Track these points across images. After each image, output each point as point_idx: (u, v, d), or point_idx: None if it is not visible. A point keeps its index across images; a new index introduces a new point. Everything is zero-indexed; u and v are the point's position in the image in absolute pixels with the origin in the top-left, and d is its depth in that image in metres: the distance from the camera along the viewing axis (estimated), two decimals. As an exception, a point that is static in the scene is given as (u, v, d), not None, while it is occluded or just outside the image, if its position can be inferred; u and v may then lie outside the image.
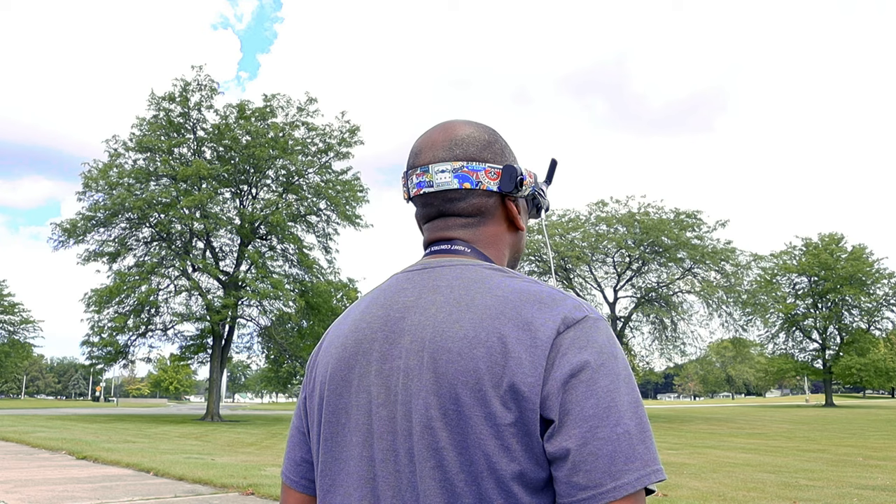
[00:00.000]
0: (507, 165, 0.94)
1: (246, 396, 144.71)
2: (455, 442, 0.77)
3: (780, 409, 52.60)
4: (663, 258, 36.43)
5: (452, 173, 0.93)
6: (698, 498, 8.09)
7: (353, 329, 0.91)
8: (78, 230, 29.67)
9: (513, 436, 0.76)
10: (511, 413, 0.76)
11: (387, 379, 0.84)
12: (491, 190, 0.94)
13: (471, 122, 0.99)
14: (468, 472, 0.77)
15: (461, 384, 0.78)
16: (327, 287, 30.91)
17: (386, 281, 0.96)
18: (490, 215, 0.95)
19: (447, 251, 0.94)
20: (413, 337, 0.84)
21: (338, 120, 31.77)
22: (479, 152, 0.94)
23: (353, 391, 0.87)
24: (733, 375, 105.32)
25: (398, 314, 0.88)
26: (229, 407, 73.13)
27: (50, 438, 15.98)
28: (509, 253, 0.99)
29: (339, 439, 0.87)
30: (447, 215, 0.95)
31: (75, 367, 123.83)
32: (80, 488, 8.64)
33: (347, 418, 0.87)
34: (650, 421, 0.79)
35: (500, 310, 0.81)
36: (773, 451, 14.75)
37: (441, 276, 0.89)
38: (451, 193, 0.93)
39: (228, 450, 14.79)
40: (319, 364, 0.95)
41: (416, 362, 0.82)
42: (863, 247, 53.02)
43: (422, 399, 0.80)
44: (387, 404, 0.83)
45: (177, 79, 30.50)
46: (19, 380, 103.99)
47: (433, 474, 0.78)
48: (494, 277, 0.87)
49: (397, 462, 0.81)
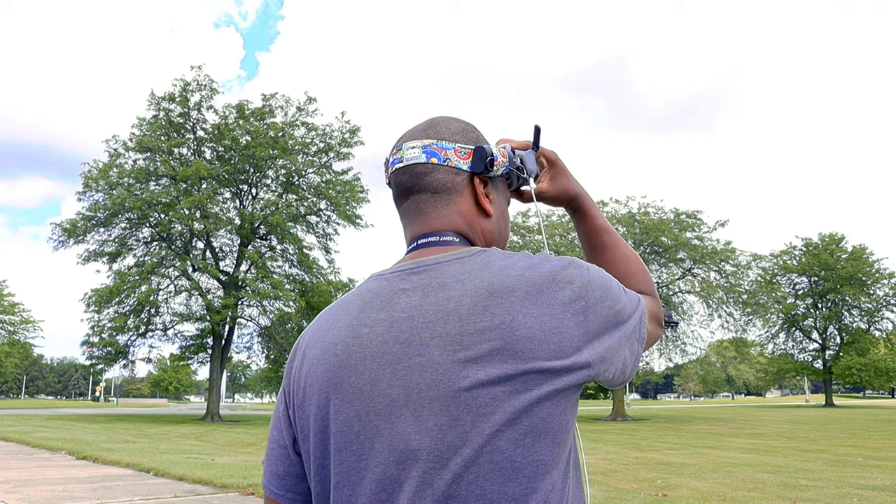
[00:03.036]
0: (478, 146, 0.97)
1: (246, 396, 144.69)
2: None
3: (780, 409, 52.58)
4: (663, 258, 36.42)
5: (422, 149, 0.96)
6: (698, 498, 8.09)
7: (352, 335, 0.89)
8: (78, 230, 29.67)
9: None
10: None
11: (404, 379, 0.84)
12: (459, 168, 0.95)
13: (452, 117, 1.01)
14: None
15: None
16: (327, 287, 30.89)
17: (368, 283, 0.95)
18: (458, 193, 0.96)
19: (436, 243, 0.94)
20: (433, 333, 0.84)
21: (338, 120, 31.83)
22: (451, 135, 0.97)
23: (365, 397, 0.85)
24: (733, 375, 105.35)
25: (404, 314, 0.87)
26: (229, 407, 73.12)
27: (50, 438, 15.98)
28: (482, 242, 0.98)
29: (356, 448, 0.85)
30: (415, 191, 0.96)
31: (75, 367, 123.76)
32: (80, 488, 8.64)
33: (363, 426, 0.85)
34: (652, 419, 0.80)
35: (523, 290, 0.84)
36: (773, 451, 14.75)
37: (442, 271, 0.88)
38: (419, 167, 0.95)
39: (228, 450, 14.79)
40: (310, 374, 0.92)
41: (442, 357, 0.82)
42: (863, 247, 52.95)
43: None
44: (409, 404, 0.83)
45: (177, 79, 30.57)
46: (19, 380, 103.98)
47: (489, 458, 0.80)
48: (498, 260, 0.88)
49: (437, 458, 0.80)
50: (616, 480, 9.68)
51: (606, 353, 0.86)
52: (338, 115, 33.82)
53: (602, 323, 0.87)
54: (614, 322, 0.89)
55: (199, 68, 30.29)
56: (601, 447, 15.81)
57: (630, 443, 17.55)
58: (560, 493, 0.83)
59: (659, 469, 11.24)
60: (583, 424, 25.40)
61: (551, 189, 1.12)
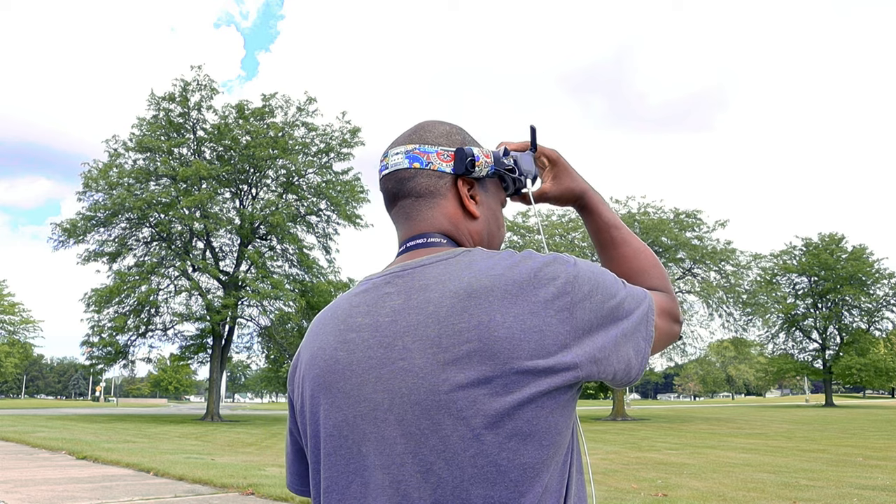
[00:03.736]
0: (458, 148, 0.96)
1: (246, 396, 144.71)
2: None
3: (780, 409, 52.59)
4: (663, 258, 36.38)
5: (405, 154, 0.96)
6: (698, 498, 8.09)
7: (340, 340, 0.90)
8: (78, 230, 29.66)
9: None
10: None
11: (387, 383, 0.84)
12: (442, 171, 0.95)
13: (439, 120, 1.01)
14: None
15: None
16: (327, 287, 30.88)
17: (358, 287, 0.95)
18: (441, 196, 0.96)
19: (423, 245, 0.94)
20: (415, 336, 0.83)
21: (338, 120, 31.83)
22: (435, 139, 0.97)
23: (352, 402, 0.86)
24: (733, 375, 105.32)
25: (388, 318, 0.87)
26: (229, 407, 73.07)
27: (50, 438, 15.98)
28: (471, 243, 0.98)
29: (344, 452, 0.86)
30: (400, 197, 0.97)
31: (75, 367, 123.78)
32: (80, 488, 8.64)
33: (350, 430, 0.86)
34: (652, 419, 0.80)
35: (501, 289, 0.83)
36: (773, 451, 14.75)
37: (425, 274, 0.88)
38: (402, 173, 0.96)
39: (228, 450, 14.79)
40: (304, 380, 0.93)
41: (423, 361, 0.82)
42: (863, 247, 52.98)
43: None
44: (392, 409, 0.83)
45: (176, 79, 30.55)
46: (19, 380, 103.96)
47: (473, 462, 0.79)
48: (480, 261, 0.87)
49: (421, 461, 0.80)
50: (616, 480, 9.68)
51: (599, 353, 0.83)
52: (338, 116, 33.84)
53: (593, 319, 0.84)
54: (610, 318, 0.86)
55: (199, 68, 30.31)
56: (601, 447, 15.82)
57: (630, 443, 17.55)
58: (556, 495, 0.82)
59: (659, 469, 11.24)
60: (583, 424, 25.38)
61: (554, 188, 1.10)
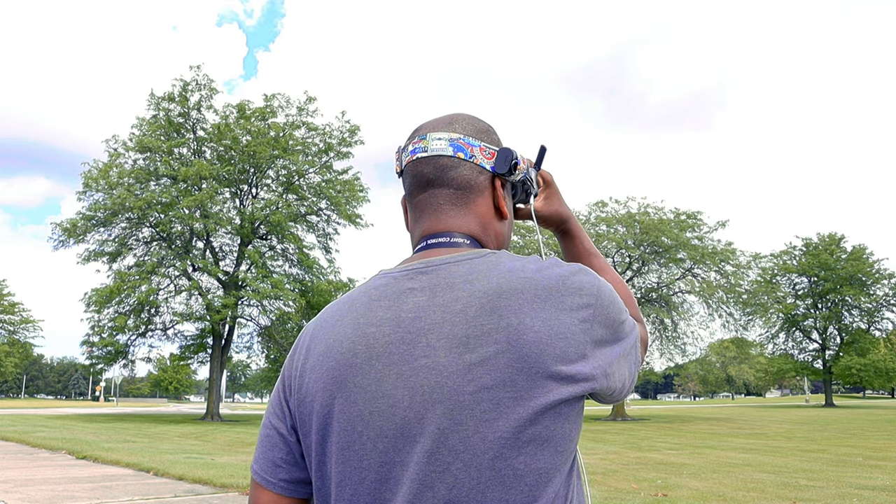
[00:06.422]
0: (503, 148, 0.97)
1: (246, 396, 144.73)
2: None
3: (780, 409, 52.60)
4: (663, 258, 36.39)
5: (449, 142, 0.94)
6: (698, 498, 8.09)
7: (359, 333, 0.88)
8: (78, 230, 29.66)
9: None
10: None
11: (408, 380, 0.83)
12: (483, 167, 0.95)
13: (474, 115, 1.02)
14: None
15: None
16: (327, 287, 30.90)
17: (375, 280, 0.93)
18: (479, 192, 0.96)
19: (445, 244, 0.93)
20: (440, 334, 0.83)
21: (338, 120, 31.83)
22: (477, 133, 0.97)
23: (369, 398, 0.85)
24: (733, 375, 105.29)
25: (411, 314, 0.86)
26: (229, 407, 73.07)
27: (50, 438, 15.98)
28: (495, 244, 0.98)
29: (358, 448, 0.85)
30: (437, 184, 0.95)
31: (75, 367, 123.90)
32: (80, 488, 8.64)
33: (366, 426, 0.84)
34: (652, 419, 0.80)
35: (532, 293, 0.83)
36: (773, 451, 14.75)
37: (451, 272, 0.88)
38: (444, 160, 0.94)
39: (228, 449, 14.79)
40: (314, 370, 0.90)
41: (448, 359, 0.81)
42: (863, 247, 52.99)
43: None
44: (412, 406, 0.82)
45: (176, 79, 30.56)
46: (19, 379, 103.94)
47: (492, 465, 0.79)
48: (508, 262, 0.88)
49: (439, 461, 0.80)
50: (616, 480, 9.68)
51: (609, 368, 0.85)
52: (338, 115, 33.82)
53: (605, 333, 0.85)
54: (617, 336, 0.88)
55: (199, 68, 30.31)
56: (601, 447, 15.81)
57: (630, 443, 17.55)
58: (562, 499, 0.82)
59: (659, 469, 11.24)
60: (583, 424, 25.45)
61: (545, 209, 1.12)
